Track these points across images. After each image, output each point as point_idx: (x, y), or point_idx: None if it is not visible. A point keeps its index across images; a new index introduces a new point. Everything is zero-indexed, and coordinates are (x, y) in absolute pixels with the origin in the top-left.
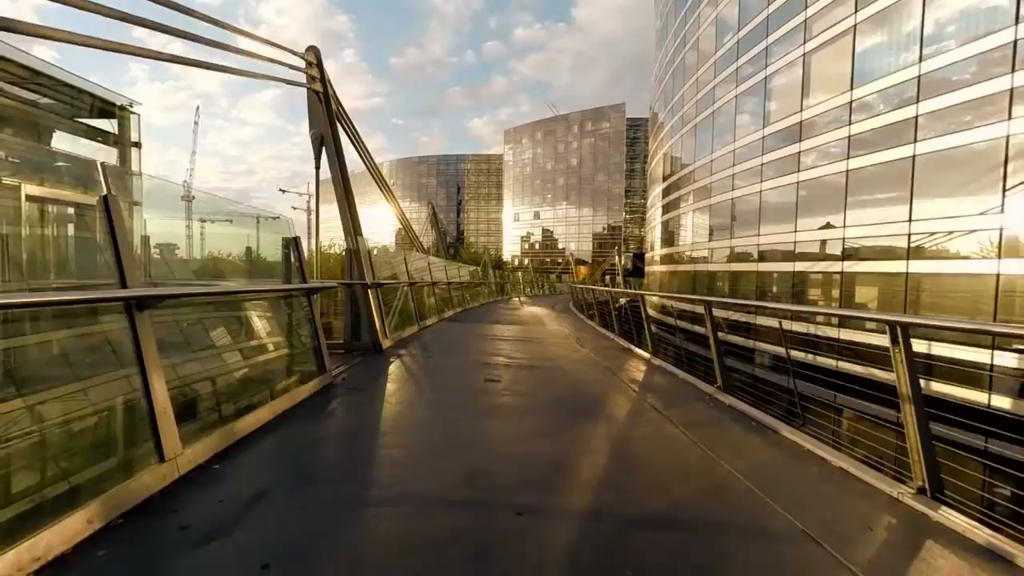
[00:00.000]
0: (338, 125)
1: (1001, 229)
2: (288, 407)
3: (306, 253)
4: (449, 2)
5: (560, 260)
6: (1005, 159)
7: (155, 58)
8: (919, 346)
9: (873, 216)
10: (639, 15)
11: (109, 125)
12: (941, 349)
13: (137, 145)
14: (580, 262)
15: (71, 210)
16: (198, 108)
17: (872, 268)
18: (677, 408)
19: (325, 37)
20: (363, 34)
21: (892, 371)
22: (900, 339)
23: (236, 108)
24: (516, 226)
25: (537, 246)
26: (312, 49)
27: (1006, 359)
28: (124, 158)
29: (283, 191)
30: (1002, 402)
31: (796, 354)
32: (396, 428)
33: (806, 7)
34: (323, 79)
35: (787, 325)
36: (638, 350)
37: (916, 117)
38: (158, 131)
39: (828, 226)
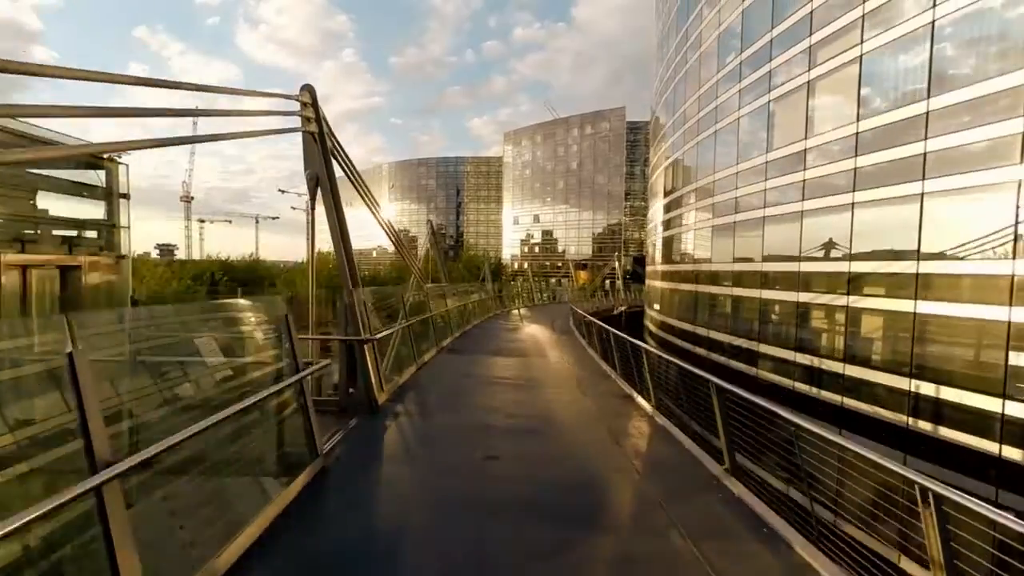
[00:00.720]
0: (335, 163)
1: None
2: (277, 514)
3: (303, 255)
4: (449, 2)
5: (560, 264)
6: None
7: (151, 147)
8: (927, 388)
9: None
10: (639, 14)
11: (96, 177)
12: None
13: (126, 196)
14: (580, 266)
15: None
16: (196, 107)
17: (878, 305)
18: (683, 503)
19: (325, 37)
20: (363, 34)
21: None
22: (932, 504)
23: (236, 108)
24: (516, 228)
25: (537, 249)
26: (306, 88)
27: None
28: (112, 211)
29: (282, 191)
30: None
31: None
32: (391, 543)
33: (811, 34)
34: (319, 119)
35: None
36: (640, 400)
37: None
38: (157, 130)
39: (832, 251)
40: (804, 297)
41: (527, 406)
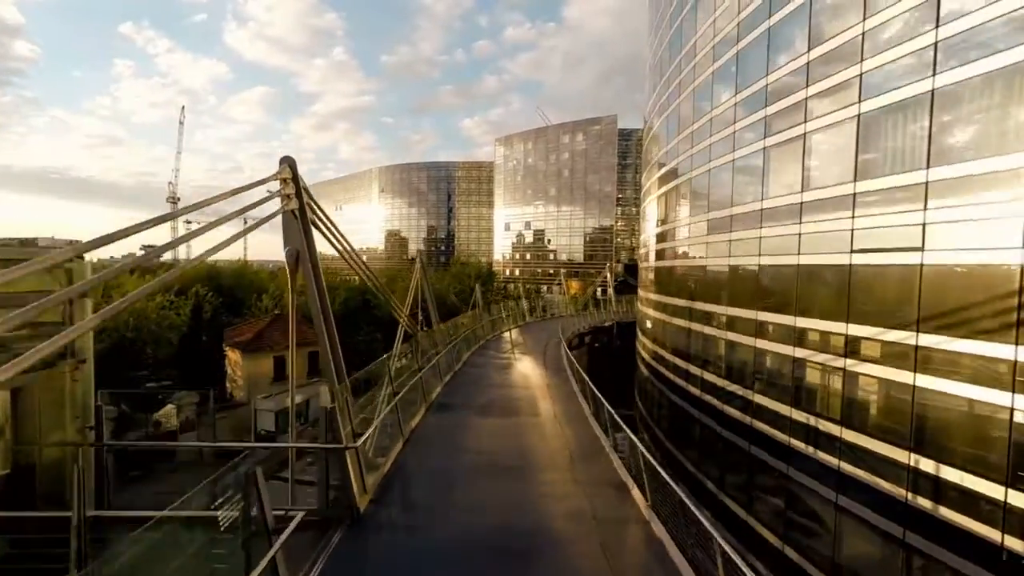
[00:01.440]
0: (324, 223)
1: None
2: None
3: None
4: (439, 1)
5: (552, 271)
6: None
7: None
8: (927, 466)
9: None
10: (629, 15)
11: (50, 279)
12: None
13: (85, 295)
14: (572, 274)
15: None
16: (183, 108)
17: (879, 372)
18: None
19: (314, 35)
20: (353, 32)
21: None
22: None
23: (224, 105)
24: (507, 235)
25: (528, 256)
26: (286, 162)
27: None
28: (70, 316)
29: (271, 193)
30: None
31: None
32: None
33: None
34: (300, 191)
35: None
36: (636, 496)
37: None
38: (143, 128)
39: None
40: (800, 353)
41: (518, 508)
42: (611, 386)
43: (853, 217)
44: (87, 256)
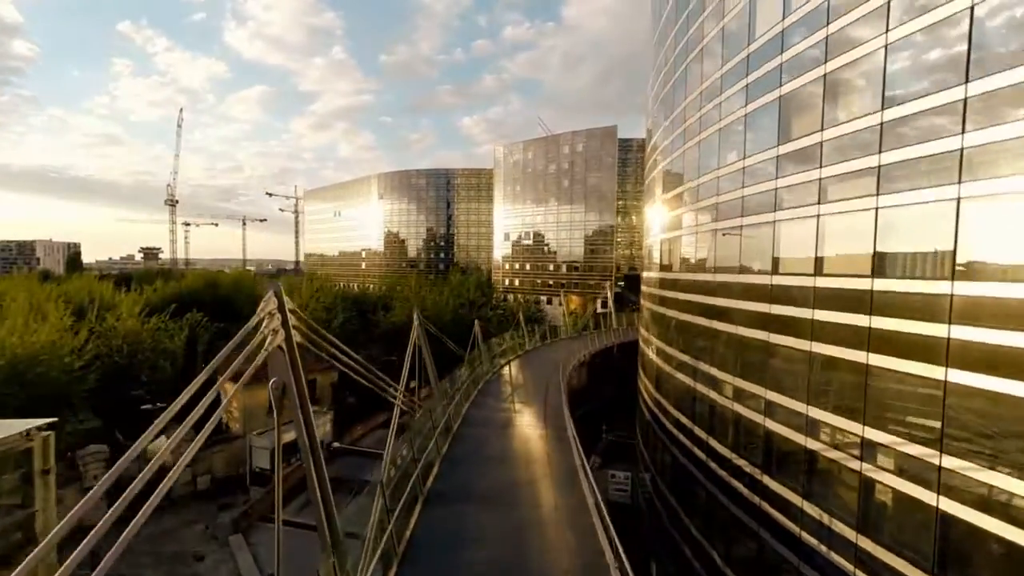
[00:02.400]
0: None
1: None
2: None
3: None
4: (439, 0)
5: (551, 282)
6: None
7: None
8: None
9: None
10: (628, 15)
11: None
12: None
13: (47, 472)
14: (572, 284)
15: None
16: (181, 111)
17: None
18: None
19: (313, 34)
20: (352, 31)
21: None
22: None
23: (223, 104)
24: (506, 245)
25: (528, 266)
26: (273, 292)
27: None
28: (27, 495)
29: (270, 195)
30: None
31: None
32: None
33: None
34: (286, 322)
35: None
36: None
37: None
38: (142, 127)
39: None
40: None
41: None
42: (612, 407)
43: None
44: (85, 257)
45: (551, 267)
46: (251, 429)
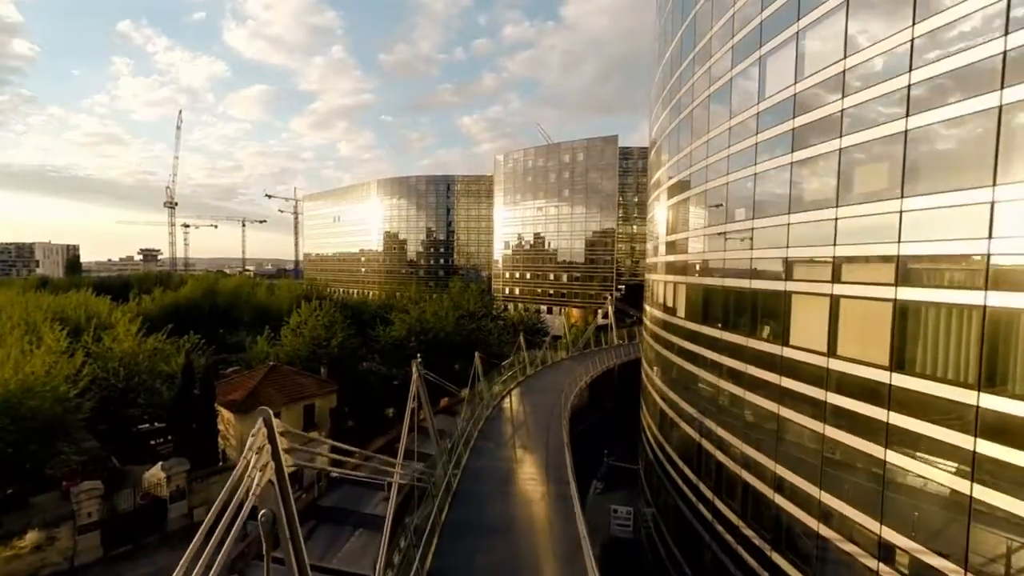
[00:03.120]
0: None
1: None
2: None
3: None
4: None
5: (551, 291)
6: None
7: None
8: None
9: None
10: (628, 13)
11: None
12: None
13: None
14: (572, 295)
15: None
16: (180, 112)
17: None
18: None
19: (313, 33)
20: (352, 30)
21: None
22: None
23: (223, 104)
24: (506, 252)
25: (528, 275)
26: (262, 418)
27: None
28: None
29: (270, 196)
30: None
31: None
32: None
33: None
34: (276, 453)
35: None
36: None
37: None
38: (142, 126)
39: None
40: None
41: None
42: (613, 421)
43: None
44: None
45: (551, 276)
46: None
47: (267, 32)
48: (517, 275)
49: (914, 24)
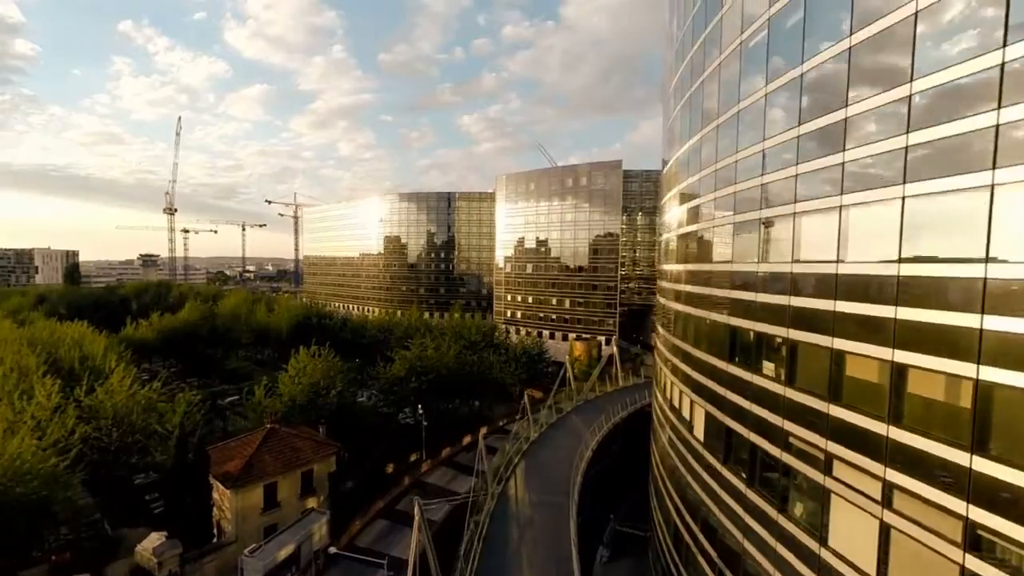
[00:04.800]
0: None
1: None
2: None
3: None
4: None
5: (553, 316)
6: None
7: None
8: None
9: None
10: (628, 13)
11: None
12: None
13: None
14: (575, 321)
15: None
16: (180, 119)
17: None
18: None
19: (313, 33)
20: (352, 30)
21: None
22: None
23: (223, 103)
24: (508, 275)
25: (531, 299)
26: None
27: None
28: None
29: (269, 202)
30: None
31: None
32: None
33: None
34: None
35: None
36: None
37: None
38: (142, 125)
39: None
40: None
41: None
42: (619, 464)
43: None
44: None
45: (553, 301)
46: (245, 532)
47: (267, 32)
48: (519, 298)
49: None
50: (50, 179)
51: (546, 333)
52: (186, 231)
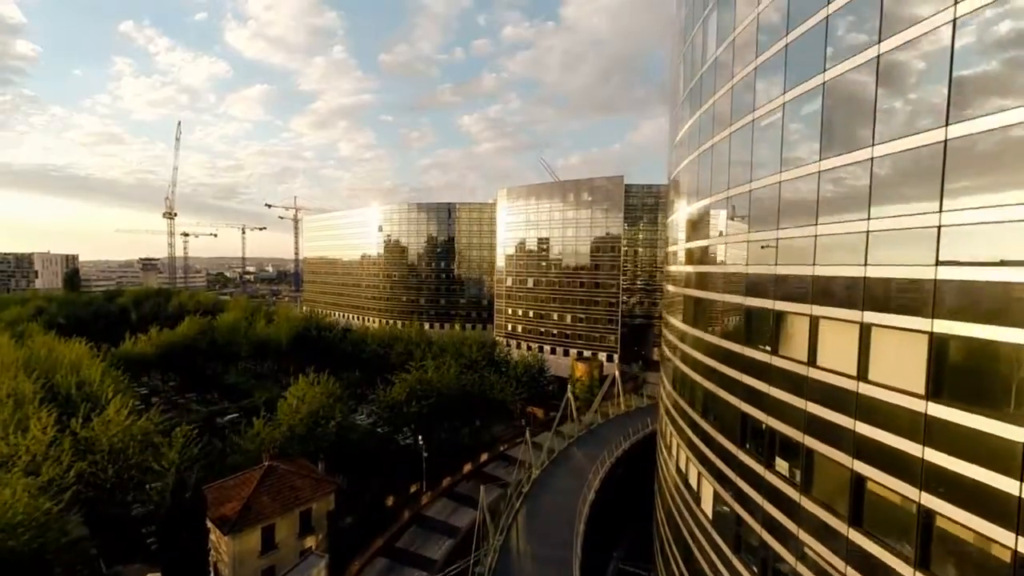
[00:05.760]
0: None
1: None
2: None
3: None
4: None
5: (555, 331)
6: None
7: None
8: None
9: None
10: (627, 14)
11: None
12: None
13: None
14: (576, 337)
15: None
16: (179, 124)
17: None
18: None
19: (314, 33)
20: (352, 30)
21: None
22: None
23: (224, 103)
24: (509, 289)
25: (532, 313)
26: None
27: None
28: None
29: (270, 206)
30: None
31: None
32: None
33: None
34: None
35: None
36: None
37: None
38: (143, 126)
39: None
40: None
41: None
42: (621, 489)
43: None
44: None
45: (555, 315)
46: None
47: (268, 32)
48: (520, 312)
49: None
50: (50, 179)
51: (547, 348)
52: (186, 235)
